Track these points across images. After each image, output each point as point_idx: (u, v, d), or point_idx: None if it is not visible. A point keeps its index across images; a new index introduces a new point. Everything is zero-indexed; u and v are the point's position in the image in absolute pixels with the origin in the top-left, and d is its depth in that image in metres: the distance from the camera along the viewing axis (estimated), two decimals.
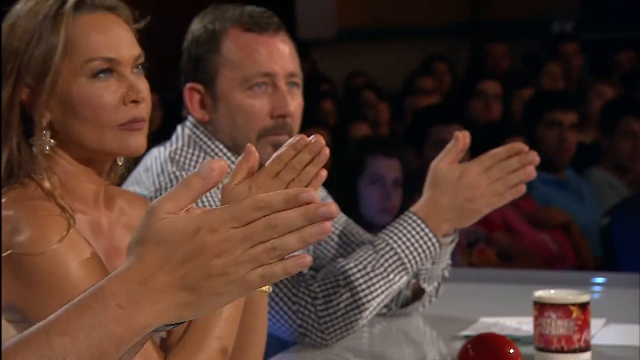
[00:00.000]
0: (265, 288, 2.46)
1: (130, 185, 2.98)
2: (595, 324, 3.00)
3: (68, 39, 2.29)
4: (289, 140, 2.28)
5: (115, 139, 2.33)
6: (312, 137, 2.22)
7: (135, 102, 2.33)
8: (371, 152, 4.80)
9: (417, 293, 3.13)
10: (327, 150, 2.21)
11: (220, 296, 1.55)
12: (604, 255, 4.90)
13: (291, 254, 1.53)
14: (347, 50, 10.14)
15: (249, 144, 2.31)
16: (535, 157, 2.86)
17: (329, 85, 8.33)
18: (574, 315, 2.71)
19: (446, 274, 3.16)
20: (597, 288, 3.54)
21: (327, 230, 1.51)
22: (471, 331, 2.96)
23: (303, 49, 10.38)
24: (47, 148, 2.31)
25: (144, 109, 2.35)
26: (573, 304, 2.72)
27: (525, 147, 2.97)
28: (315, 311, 2.85)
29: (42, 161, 2.30)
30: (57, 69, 2.29)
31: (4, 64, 2.31)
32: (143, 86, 2.35)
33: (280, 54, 3.01)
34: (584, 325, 2.72)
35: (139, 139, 2.35)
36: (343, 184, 4.73)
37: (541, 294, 2.75)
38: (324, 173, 2.25)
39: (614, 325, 3.03)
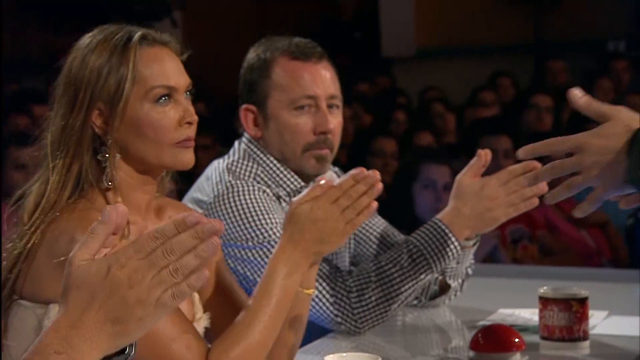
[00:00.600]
0: (310, 291, 2.49)
1: (193, 192, 3.01)
2: (598, 315, 3.00)
3: (136, 69, 2.31)
4: (351, 171, 2.38)
5: (171, 154, 2.35)
6: (370, 171, 2.35)
7: (189, 123, 2.36)
8: (424, 160, 4.79)
9: (444, 288, 3.12)
10: (380, 185, 2.35)
11: (142, 320, 1.54)
12: (629, 252, 4.86)
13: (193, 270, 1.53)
14: (424, 66, 10.10)
15: (320, 178, 2.46)
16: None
17: (404, 99, 8.31)
18: (574, 308, 2.71)
19: (470, 271, 3.16)
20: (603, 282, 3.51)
21: (217, 243, 1.52)
22: (489, 321, 2.95)
23: (385, 66, 10.43)
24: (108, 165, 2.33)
25: (194, 130, 2.38)
26: (573, 299, 2.72)
27: (538, 165, 2.96)
28: (350, 303, 2.85)
29: (112, 174, 2.33)
30: (127, 95, 2.31)
31: (76, 91, 2.32)
32: (193, 110, 2.38)
33: (322, 79, 3.00)
34: (583, 318, 2.72)
35: (190, 155, 2.38)
36: (400, 188, 4.74)
37: (545, 290, 2.75)
38: (375, 205, 2.35)
39: (615, 317, 3.00)
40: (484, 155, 2.99)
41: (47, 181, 2.31)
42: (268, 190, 2.94)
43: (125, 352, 1.62)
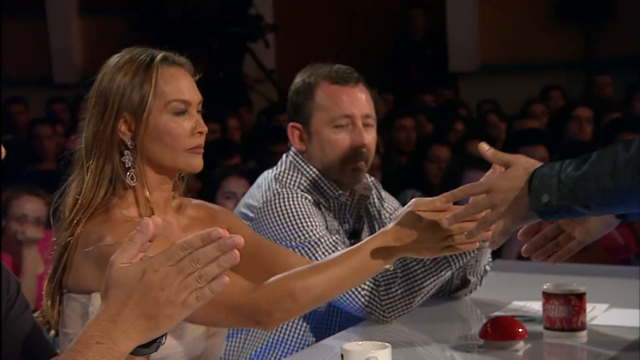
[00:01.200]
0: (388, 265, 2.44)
1: (246, 198, 3.05)
2: (600, 308, 2.97)
3: (158, 85, 2.38)
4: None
5: (184, 159, 2.42)
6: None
7: (200, 133, 2.42)
8: (468, 167, 4.76)
9: (465, 282, 3.12)
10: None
11: (171, 318, 1.61)
12: None
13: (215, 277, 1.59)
14: (486, 81, 10.05)
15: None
16: None
17: (465, 110, 8.25)
18: (573, 302, 2.70)
19: (488, 268, 3.15)
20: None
21: (236, 256, 1.58)
22: (503, 312, 2.93)
23: (452, 80, 10.39)
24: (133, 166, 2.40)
25: (204, 138, 2.44)
26: (572, 294, 2.70)
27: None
28: (379, 295, 2.85)
29: (138, 173, 2.40)
30: (150, 107, 2.38)
31: (106, 103, 2.38)
32: (203, 122, 2.44)
33: (358, 100, 3.01)
34: (581, 310, 2.71)
35: (200, 160, 2.44)
36: (446, 191, 4.73)
37: (548, 286, 2.74)
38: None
39: (615, 309, 2.97)
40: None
41: (83, 180, 2.38)
42: (309, 197, 2.96)
43: (157, 341, 1.68)
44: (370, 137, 3.03)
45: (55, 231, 2.41)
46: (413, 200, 2.40)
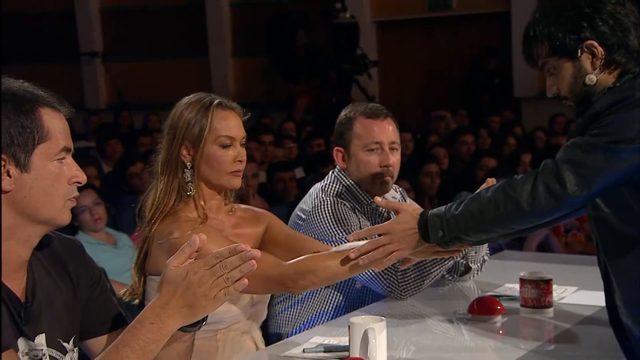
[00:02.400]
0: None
1: (301, 204, 3.06)
2: (570, 290, 2.96)
3: (212, 123, 2.46)
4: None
5: (226, 179, 2.49)
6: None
7: (240, 161, 2.49)
8: (498, 175, 4.69)
9: (468, 269, 3.12)
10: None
11: (205, 307, 1.69)
12: None
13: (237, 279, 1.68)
14: (543, 104, 9.87)
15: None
16: None
17: (520, 128, 8.11)
18: (541, 286, 2.72)
19: (486, 257, 3.15)
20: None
21: (253, 265, 1.67)
22: (494, 292, 2.93)
23: (516, 103, 10.24)
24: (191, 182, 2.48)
25: (244, 165, 2.51)
26: (541, 280, 2.72)
27: None
28: (396, 278, 2.88)
29: (194, 187, 2.48)
30: (205, 139, 2.45)
31: (174, 133, 2.47)
32: (244, 153, 2.51)
33: (386, 130, 3.02)
34: (548, 293, 2.72)
35: (238, 181, 2.51)
36: None
37: (524, 273, 2.75)
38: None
39: (583, 291, 2.94)
40: (491, 182, 2.99)
41: (157, 190, 2.47)
42: (347, 204, 2.99)
43: (201, 322, 1.77)
44: (395, 159, 3.04)
45: (139, 227, 2.51)
46: (404, 205, 2.43)
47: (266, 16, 11.48)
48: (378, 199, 2.48)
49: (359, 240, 2.40)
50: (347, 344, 2.27)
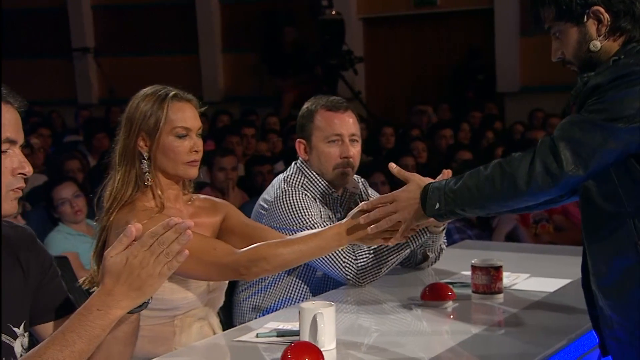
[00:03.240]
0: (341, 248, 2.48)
1: (264, 194, 3.08)
2: (522, 277, 3.00)
3: (167, 114, 2.48)
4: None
5: (183, 169, 2.51)
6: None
7: (196, 151, 2.51)
8: (469, 168, 4.70)
9: (425, 257, 3.15)
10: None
11: (153, 285, 1.70)
12: None
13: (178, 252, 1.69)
14: (525, 99, 9.95)
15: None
16: None
17: (501, 123, 8.14)
18: (492, 273, 2.75)
19: (443, 246, 3.18)
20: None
21: (189, 235, 1.68)
22: (450, 279, 2.96)
23: (499, 98, 10.29)
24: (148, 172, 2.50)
25: (200, 155, 2.52)
26: (491, 267, 2.76)
27: None
28: (356, 266, 2.91)
29: (150, 177, 2.50)
30: (161, 130, 2.47)
31: (131, 124, 2.48)
32: (201, 144, 2.52)
33: (346, 123, 3.04)
34: (498, 279, 2.76)
35: (195, 170, 2.53)
36: None
37: (475, 261, 2.78)
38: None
39: (534, 278, 2.99)
40: (447, 173, 3.02)
41: (115, 180, 2.49)
42: (308, 193, 3.02)
43: (145, 303, 1.78)
44: (355, 150, 3.07)
45: (97, 216, 2.54)
46: (362, 203, 2.46)
47: (255, 12, 11.53)
48: (392, 165, 2.45)
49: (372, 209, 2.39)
50: (299, 328, 2.32)
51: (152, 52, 12.23)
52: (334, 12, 10.20)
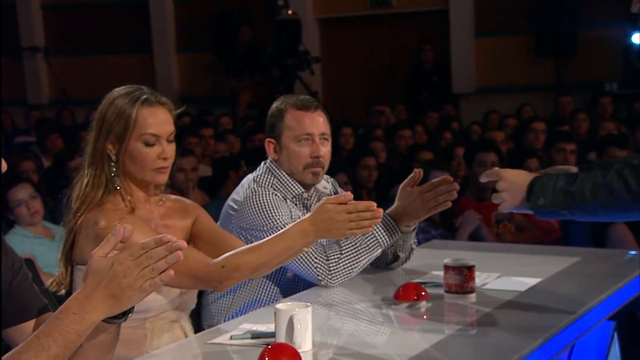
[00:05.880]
0: (306, 248, 2.52)
1: (233, 194, 3.06)
2: (492, 276, 3.00)
3: (136, 120, 2.43)
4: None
5: (151, 175, 2.48)
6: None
7: (165, 159, 2.47)
8: (432, 168, 4.74)
9: (396, 257, 3.15)
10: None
11: (130, 298, 1.67)
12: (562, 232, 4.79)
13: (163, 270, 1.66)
14: (480, 99, 10.03)
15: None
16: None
17: (458, 124, 8.20)
18: (464, 272, 2.74)
19: (414, 246, 3.18)
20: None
21: (179, 255, 1.65)
22: (421, 279, 2.96)
23: (455, 99, 10.36)
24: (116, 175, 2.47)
25: (170, 162, 2.49)
26: (464, 267, 2.75)
27: (451, 179, 3.02)
28: (328, 267, 2.90)
29: (118, 181, 2.47)
30: (130, 135, 2.43)
31: (101, 125, 2.44)
32: (170, 150, 2.48)
33: (316, 122, 3.03)
34: (470, 279, 2.75)
35: (163, 177, 2.50)
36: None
37: (448, 260, 2.77)
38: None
39: (504, 277, 3.00)
40: (418, 173, 3.05)
41: (84, 182, 2.45)
42: (278, 194, 3.00)
43: (126, 314, 1.75)
44: (325, 150, 3.06)
45: (65, 218, 2.49)
46: (324, 198, 2.47)
47: (210, 12, 11.45)
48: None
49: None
50: (274, 330, 2.29)
51: (105, 51, 12.08)
52: (290, 12, 10.16)
